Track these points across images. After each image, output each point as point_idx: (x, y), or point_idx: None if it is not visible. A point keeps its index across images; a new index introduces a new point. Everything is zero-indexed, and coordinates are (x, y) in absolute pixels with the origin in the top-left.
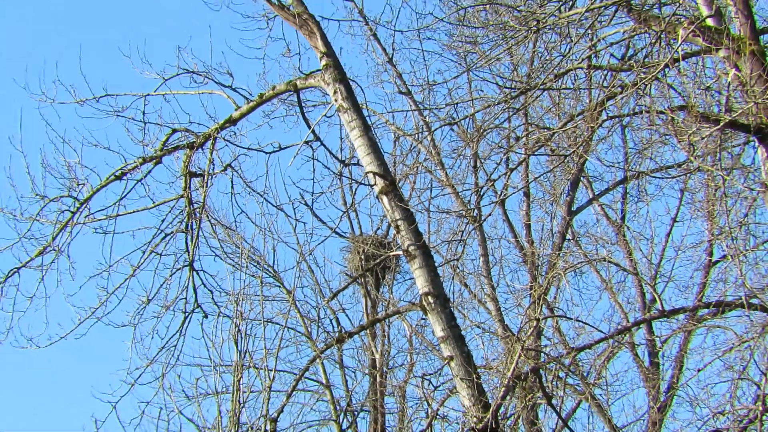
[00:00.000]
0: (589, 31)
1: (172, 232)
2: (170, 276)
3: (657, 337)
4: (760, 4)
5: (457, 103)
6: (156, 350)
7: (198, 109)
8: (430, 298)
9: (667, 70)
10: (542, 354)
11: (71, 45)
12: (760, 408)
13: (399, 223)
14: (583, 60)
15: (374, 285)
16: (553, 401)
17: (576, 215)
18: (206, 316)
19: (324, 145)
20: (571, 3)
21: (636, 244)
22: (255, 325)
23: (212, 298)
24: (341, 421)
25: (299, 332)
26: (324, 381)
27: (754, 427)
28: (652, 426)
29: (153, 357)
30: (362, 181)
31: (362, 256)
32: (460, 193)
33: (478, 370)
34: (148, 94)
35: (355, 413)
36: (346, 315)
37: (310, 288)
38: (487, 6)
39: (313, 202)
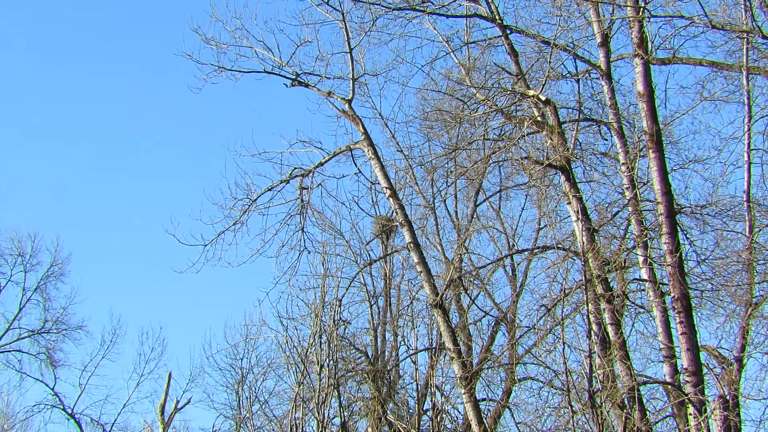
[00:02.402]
0: (484, 123)
1: (294, 214)
2: (293, 234)
3: None
4: (561, 98)
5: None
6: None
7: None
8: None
9: (519, 141)
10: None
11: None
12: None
13: (398, 212)
14: (481, 136)
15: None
16: None
17: (484, 202)
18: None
19: (363, 174)
20: (476, 106)
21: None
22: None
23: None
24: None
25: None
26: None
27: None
28: None
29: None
30: (380, 191)
31: (381, 222)
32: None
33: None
34: (283, 152)
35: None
36: (374, 252)
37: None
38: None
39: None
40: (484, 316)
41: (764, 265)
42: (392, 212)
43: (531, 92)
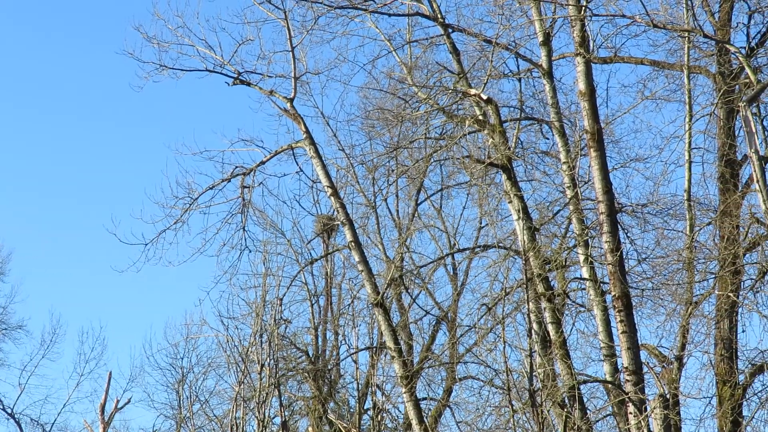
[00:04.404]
0: (425, 122)
1: (235, 213)
2: (235, 233)
3: None
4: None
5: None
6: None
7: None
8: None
9: (461, 140)
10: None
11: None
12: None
13: (339, 210)
14: (422, 135)
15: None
16: None
17: (425, 201)
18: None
19: (304, 173)
20: (417, 105)
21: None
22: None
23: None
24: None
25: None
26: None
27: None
28: None
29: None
30: (322, 189)
31: (323, 221)
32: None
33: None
34: (225, 151)
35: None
36: (315, 251)
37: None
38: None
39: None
40: (424, 315)
41: (704, 264)
42: (333, 211)
43: (472, 91)
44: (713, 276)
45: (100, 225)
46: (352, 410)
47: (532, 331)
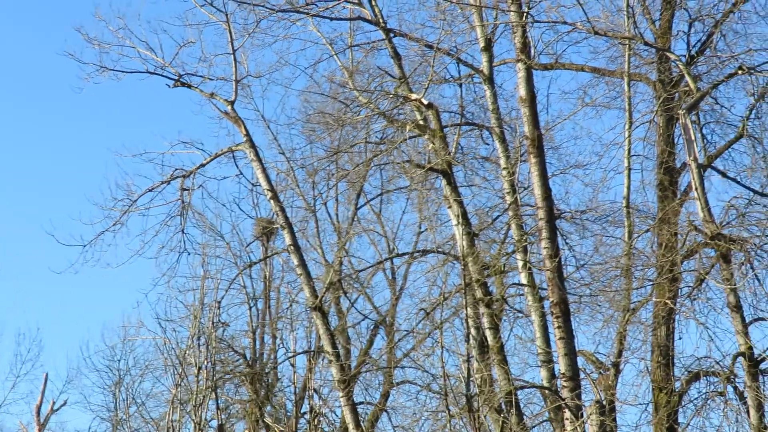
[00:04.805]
0: (366, 126)
1: (174, 216)
2: (174, 235)
3: None
4: (444, 102)
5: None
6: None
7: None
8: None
9: (401, 145)
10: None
11: None
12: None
13: (279, 214)
14: (363, 139)
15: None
16: None
17: (365, 205)
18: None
19: (244, 176)
20: (357, 109)
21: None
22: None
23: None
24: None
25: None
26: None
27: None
28: None
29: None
30: (262, 193)
31: (262, 225)
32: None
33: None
34: (165, 153)
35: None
36: (254, 254)
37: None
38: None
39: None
40: (363, 320)
41: (642, 271)
42: (273, 214)
43: (413, 96)
44: (651, 283)
45: (39, 226)
46: (288, 414)
47: (470, 336)
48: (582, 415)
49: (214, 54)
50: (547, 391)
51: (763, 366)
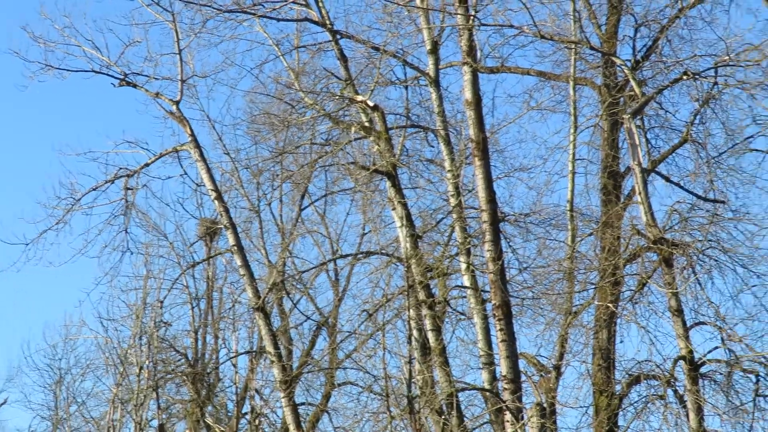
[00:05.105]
0: (311, 127)
1: (118, 215)
2: (117, 234)
3: None
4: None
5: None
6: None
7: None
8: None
9: (346, 146)
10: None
11: None
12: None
13: (223, 214)
14: (308, 140)
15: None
16: None
17: (309, 206)
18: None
19: (189, 176)
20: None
21: None
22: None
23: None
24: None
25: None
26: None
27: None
28: None
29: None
30: (206, 193)
31: (206, 225)
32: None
33: None
34: (109, 152)
35: None
36: (197, 254)
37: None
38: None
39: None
40: (305, 320)
41: (584, 275)
42: (217, 214)
43: (359, 98)
44: (593, 286)
45: None
46: (230, 414)
47: (412, 338)
48: (522, 418)
49: (159, 53)
50: (488, 393)
51: (703, 370)
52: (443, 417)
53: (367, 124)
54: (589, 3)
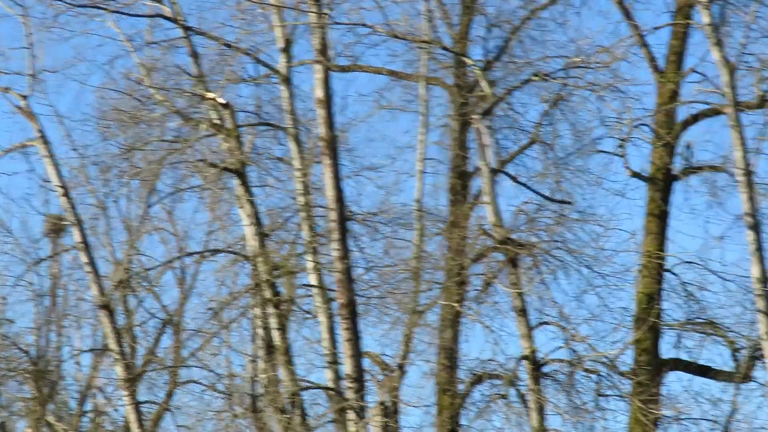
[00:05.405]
0: (161, 124)
1: None
2: None
3: None
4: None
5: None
6: None
7: None
8: None
9: (196, 144)
10: None
11: None
12: None
13: (69, 211)
14: (157, 137)
15: None
16: None
17: (157, 203)
18: None
19: (35, 172)
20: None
21: None
22: None
23: None
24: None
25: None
26: None
27: None
28: None
29: None
30: (53, 189)
31: (52, 221)
32: None
33: None
34: None
35: None
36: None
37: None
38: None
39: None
40: (150, 318)
41: (431, 274)
42: (63, 211)
43: (209, 95)
44: (439, 286)
45: None
46: (71, 412)
47: (257, 336)
48: (365, 417)
49: (9, 47)
50: (331, 392)
51: (545, 369)
52: (287, 416)
53: (217, 121)
54: (442, 3)
